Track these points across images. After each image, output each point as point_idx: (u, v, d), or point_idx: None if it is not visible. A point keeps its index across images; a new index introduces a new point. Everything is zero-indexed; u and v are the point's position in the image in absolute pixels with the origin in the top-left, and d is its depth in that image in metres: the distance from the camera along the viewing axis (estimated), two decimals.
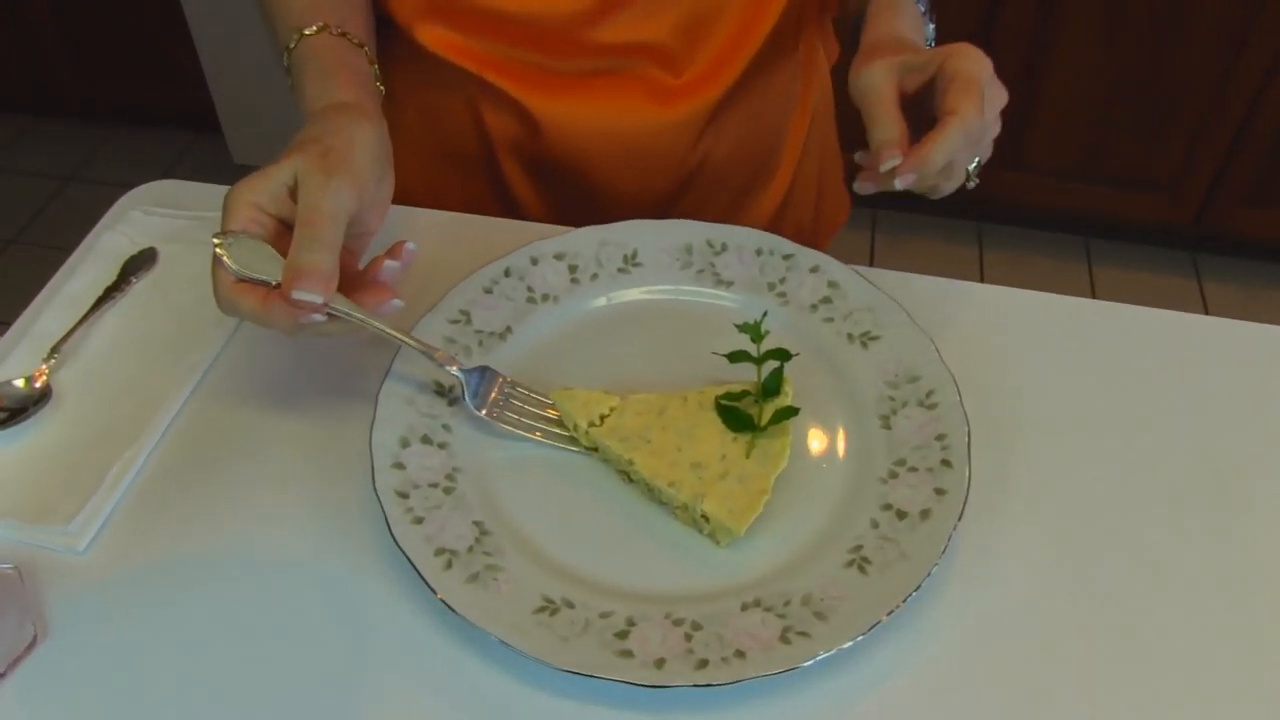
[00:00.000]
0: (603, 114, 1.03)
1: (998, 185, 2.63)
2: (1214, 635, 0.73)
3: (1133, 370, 0.89)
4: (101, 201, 1.02)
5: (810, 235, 1.23)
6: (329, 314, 0.73)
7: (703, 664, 0.67)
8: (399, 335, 0.78)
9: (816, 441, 0.82)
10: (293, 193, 0.75)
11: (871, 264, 2.66)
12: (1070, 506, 0.79)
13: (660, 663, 0.68)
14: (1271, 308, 2.67)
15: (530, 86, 1.01)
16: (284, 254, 0.73)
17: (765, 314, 0.83)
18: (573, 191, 1.08)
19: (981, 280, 2.63)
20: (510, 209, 1.11)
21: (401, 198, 1.02)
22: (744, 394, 0.81)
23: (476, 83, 1.02)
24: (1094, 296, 2.60)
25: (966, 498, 0.75)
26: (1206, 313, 2.59)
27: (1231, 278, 2.74)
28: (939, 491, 0.76)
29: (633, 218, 0.96)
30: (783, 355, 0.81)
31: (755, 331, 0.80)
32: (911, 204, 2.79)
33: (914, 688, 0.70)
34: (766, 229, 1.12)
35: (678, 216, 1.04)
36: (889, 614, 0.69)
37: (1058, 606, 0.74)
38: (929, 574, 0.71)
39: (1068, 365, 0.89)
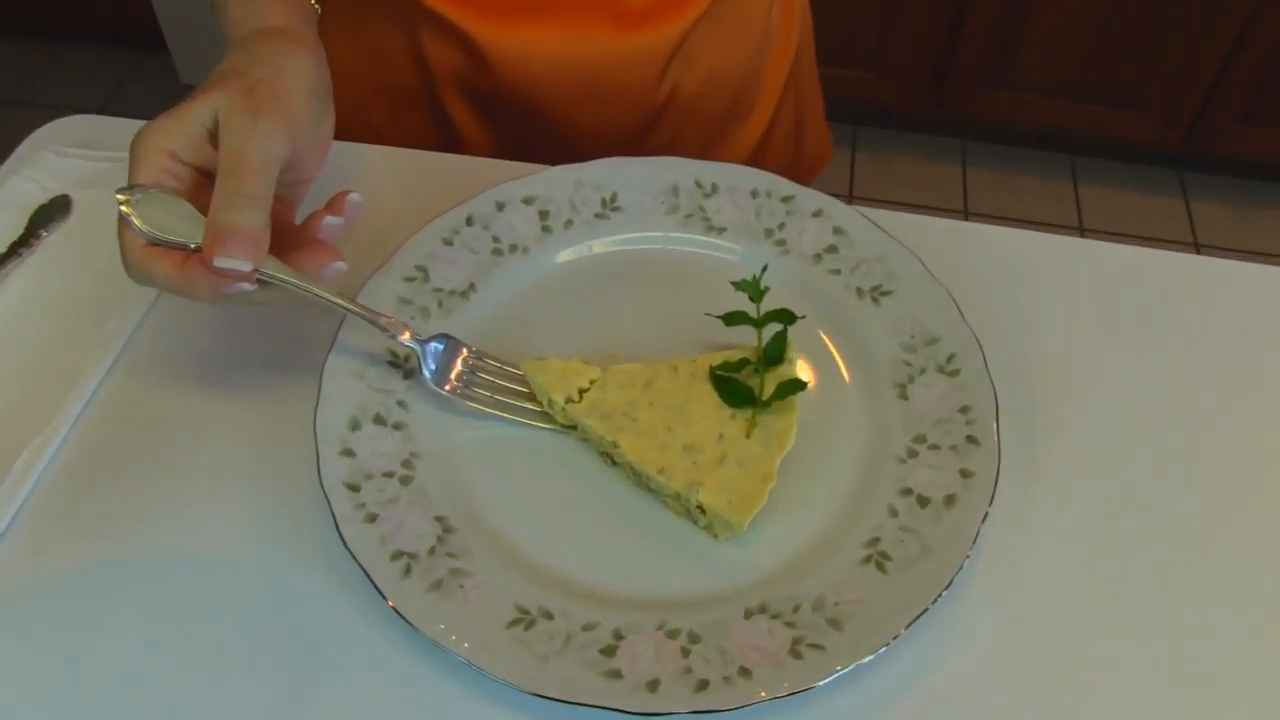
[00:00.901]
0: (558, 42, 0.92)
1: (983, 102, 2.57)
2: (1270, 634, 0.64)
3: (1163, 324, 0.79)
4: (40, 125, 0.91)
5: (790, 177, 1.13)
6: (260, 280, 0.63)
7: (703, 685, 0.59)
8: (343, 303, 0.68)
9: (824, 415, 0.72)
10: (213, 136, 0.64)
11: (852, 184, 2.64)
12: (1108, 486, 0.70)
13: (654, 685, 0.59)
14: (1259, 228, 2.62)
15: (475, 11, 0.90)
16: (205, 211, 0.62)
17: (765, 268, 0.73)
18: (526, 131, 0.97)
19: (965, 200, 2.60)
20: (456, 151, 0.99)
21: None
22: (743, 363, 0.71)
23: (414, 7, 0.91)
24: (1080, 216, 2.58)
25: (997, 481, 0.66)
26: (1194, 232, 2.55)
27: (1219, 197, 2.68)
28: (965, 474, 0.67)
29: (594, 158, 0.85)
30: (786, 317, 0.71)
31: (754, 289, 0.71)
32: (894, 121, 2.70)
33: (939, 700, 0.61)
34: None
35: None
36: (909, 625, 0.60)
37: (1099, 603, 0.65)
38: (959, 571, 0.62)
39: (1095, 318, 0.79)
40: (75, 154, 0.88)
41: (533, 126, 0.97)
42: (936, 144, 2.77)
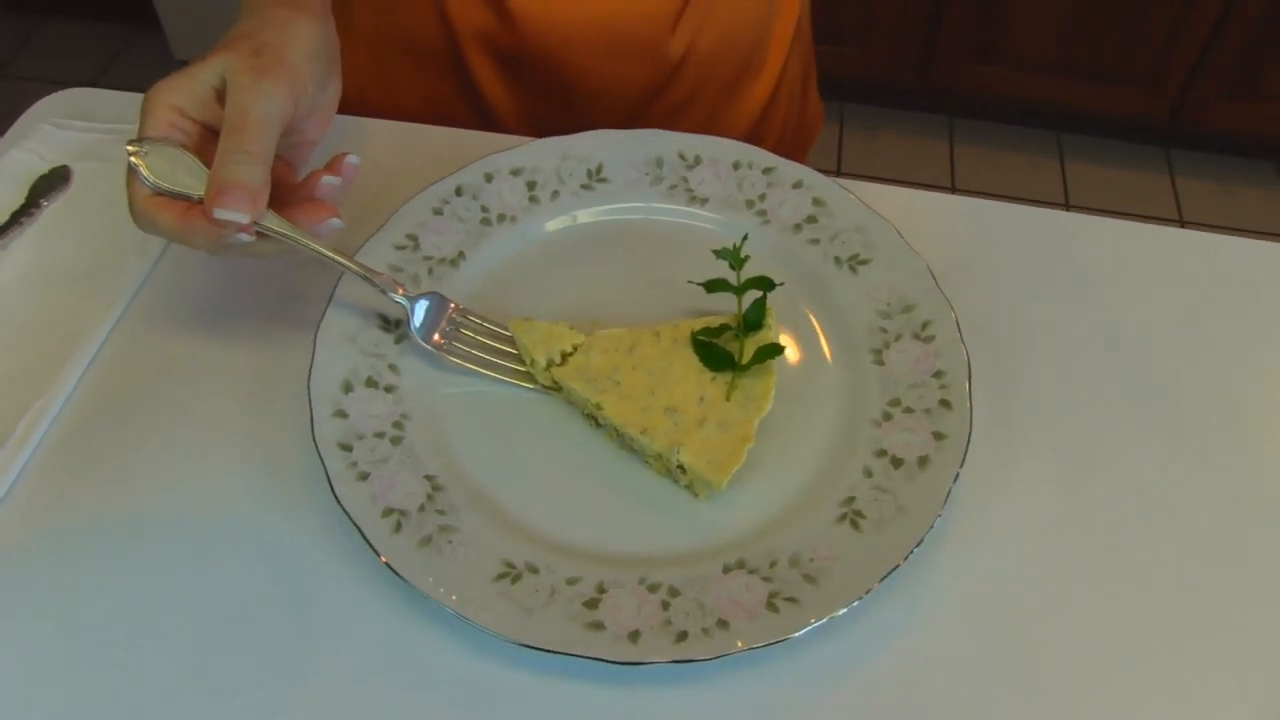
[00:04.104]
0: None
1: (969, 77, 2.58)
2: (1233, 583, 0.67)
3: (1137, 294, 0.82)
4: (30, 101, 0.93)
5: (794, 139, 1.15)
6: (258, 233, 0.67)
7: (682, 636, 0.61)
8: (337, 257, 0.70)
9: (802, 379, 0.75)
10: (220, 96, 0.68)
11: (840, 161, 2.65)
12: (1079, 445, 0.73)
13: (635, 635, 0.61)
14: (1244, 204, 2.64)
15: None
16: (209, 164, 0.66)
17: (745, 237, 0.75)
18: (547, 89, 0.99)
19: (952, 176, 2.62)
20: (479, 110, 1.02)
21: (355, 102, 0.92)
22: (723, 328, 0.73)
23: None
24: (1066, 193, 2.60)
25: (969, 443, 0.68)
26: (1179, 208, 2.57)
27: (1205, 173, 2.70)
28: (938, 436, 0.69)
29: (614, 114, 0.86)
30: (766, 284, 0.73)
31: (734, 257, 0.73)
32: (880, 98, 2.72)
33: (914, 654, 0.64)
34: (753, 129, 1.06)
35: (661, 114, 0.96)
36: (882, 579, 0.62)
37: (1067, 559, 0.68)
38: (929, 530, 0.64)
39: (1071, 288, 0.82)
40: (74, 126, 0.90)
41: (554, 85, 0.98)
42: (924, 120, 2.79)
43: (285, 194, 0.70)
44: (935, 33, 2.50)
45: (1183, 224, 2.57)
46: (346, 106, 0.90)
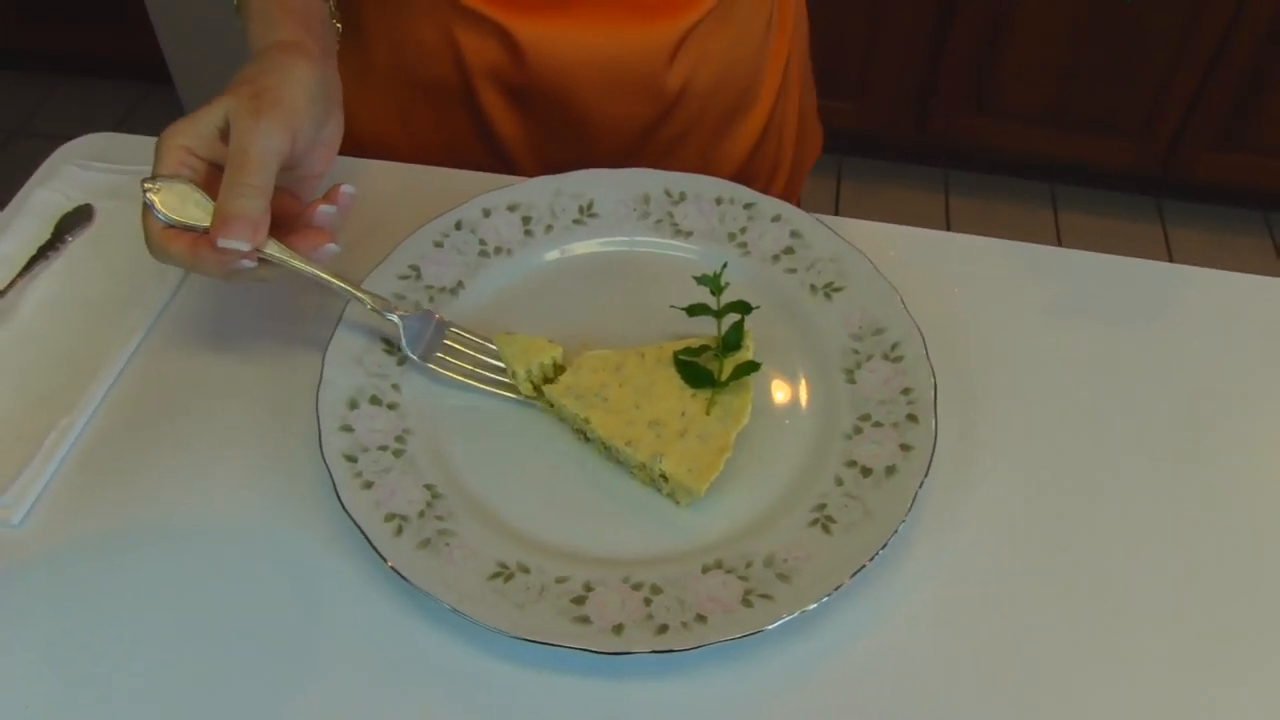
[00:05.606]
0: (582, 32, 0.99)
1: (965, 131, 2.63)
2: (1186, 583, 0.71)
3: (1100, 319, 0.87)
4: (45, 157, 0.99)
5: (793, 166, 1.21)
6: (262, 259, 0.72)
7: (662, 629, 0.65)
8: (331, 279, 0.76)
9: (779, 397, 0.80)
10: (224, 135, 0.73)
11: (837, 212, 2.70)
12: (1039, 459, 0.77)
13: (619, 628, 0.65)
14: (1235, 253, 2.69)
15: (509, 6, 0.97)
16: (216, 198, 0.71)
17: (725, 265, 0.80)
18: (554, 120, 1.04)
19: (948, 227, 2.68)
20: (490, 142, 1.07)
21: (375, 137, 0.98)
22: (703, 349, 0.78)
23: (450, 5, 0.98)
24: (1060, 243, 2.65)
25: (933, 454, 0.73)
26: (1171, 258, 2.62)
27: (1196, 223, 2.75)
28: (905, 447, 0.74)
29: (617, 146, 0.92)
30: (743, 308, 0.78)
31: (715, 283, 0.78)
32: (877, 150, 2.77)
33: (881, 650, 0.68)
34: (748, 159, 1.11)
35: (661, 145, 1.00)
36: (853, 575, 0.67)
37: (1027, 563, 0.72)
38: (895, 533, 0.69)
39: (1035, 315, 0.87)
40: (97, 167, 0.96)
41: (560, 118, 1.04)
42: (920, 173, 2.84)
43: (290, 223, 0.76)
44: (931, 86, 2.56)
45: None
46: (365, 141, 0.95)
